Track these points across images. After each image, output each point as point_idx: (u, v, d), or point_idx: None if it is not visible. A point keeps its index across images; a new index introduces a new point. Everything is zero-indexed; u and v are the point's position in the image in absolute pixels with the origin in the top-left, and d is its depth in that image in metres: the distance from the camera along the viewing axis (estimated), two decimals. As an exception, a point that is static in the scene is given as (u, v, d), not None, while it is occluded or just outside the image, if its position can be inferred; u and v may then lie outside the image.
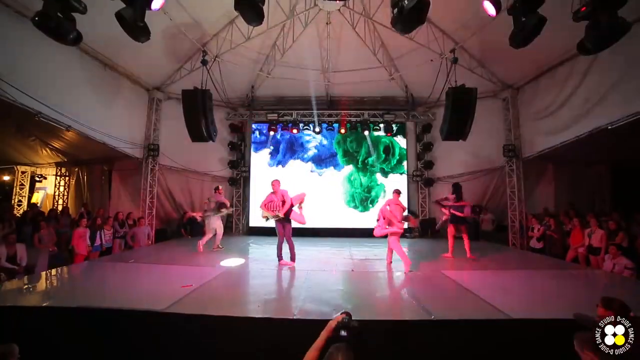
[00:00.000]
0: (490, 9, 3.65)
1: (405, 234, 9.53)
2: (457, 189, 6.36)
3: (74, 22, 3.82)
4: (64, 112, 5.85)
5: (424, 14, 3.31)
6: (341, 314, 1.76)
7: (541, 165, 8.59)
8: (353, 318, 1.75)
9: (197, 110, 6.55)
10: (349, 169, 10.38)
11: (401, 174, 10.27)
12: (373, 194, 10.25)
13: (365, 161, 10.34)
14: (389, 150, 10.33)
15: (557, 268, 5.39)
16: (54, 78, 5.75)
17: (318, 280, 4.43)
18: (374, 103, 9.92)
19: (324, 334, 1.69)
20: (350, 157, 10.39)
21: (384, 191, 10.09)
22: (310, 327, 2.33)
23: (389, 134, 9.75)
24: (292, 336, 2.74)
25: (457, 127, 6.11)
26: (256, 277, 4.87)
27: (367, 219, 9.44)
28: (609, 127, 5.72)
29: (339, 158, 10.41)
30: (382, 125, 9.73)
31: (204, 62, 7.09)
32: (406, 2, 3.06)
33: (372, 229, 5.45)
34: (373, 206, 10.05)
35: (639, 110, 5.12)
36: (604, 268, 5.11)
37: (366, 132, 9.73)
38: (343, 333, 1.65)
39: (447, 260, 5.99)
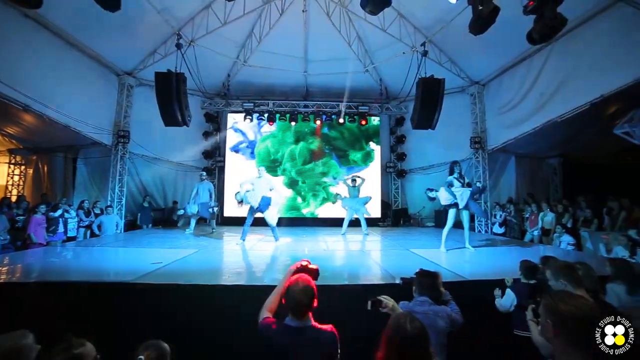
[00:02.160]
0: (452, -3, 3.95)
1: (377, 223, 9.88)
2: None
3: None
4: (20, 90, 5.44)
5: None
6: (301, 261, 1.89)
7: (505, 157, 9.20)
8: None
9: (171, 93, 6.40)
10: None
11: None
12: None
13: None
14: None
15: (513, 245, 5.85)
16: (7, 52, 5.28)
17: (290, 256, 4.56)
18: (349, 95, 10.12)
19: (285, 278, 1.77)
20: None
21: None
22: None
23: (363, 122, 9.96)
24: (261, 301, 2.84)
25: (427, 116, 6.43)
26: (229, 255, 4.91)
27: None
28: (559, 120, 6.31)
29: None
30: (356, 117, 9.97)
31: (179, 46, 6.93)
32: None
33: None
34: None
35: (581, 105, 5.74)
36: (553, 245, 5.61)
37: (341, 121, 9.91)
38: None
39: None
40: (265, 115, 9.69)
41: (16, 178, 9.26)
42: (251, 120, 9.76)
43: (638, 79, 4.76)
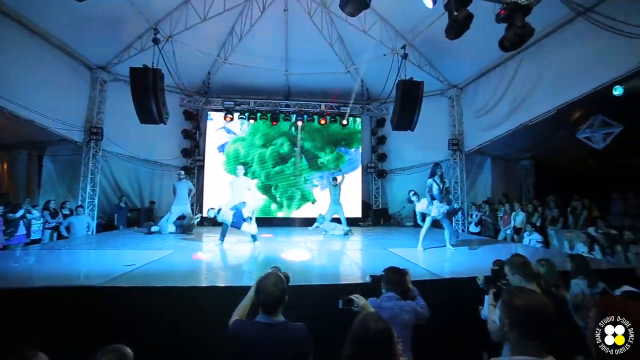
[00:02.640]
0: (428, 3, 4.07)
1: (358, 223, 10.00)
2: None
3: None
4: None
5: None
6: (271, 268, 1.96)
7: (482, 159, 9.55)
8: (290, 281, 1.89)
9: (147, 90, 6.19)
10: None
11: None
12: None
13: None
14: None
15: (487, 244, 6.07)
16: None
17: (269, 256, 4.53)
18: (330, 95, 10.18)
19: (254, 287, 1.76)
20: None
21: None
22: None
23: (344, 123, 10.02)
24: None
25: (406, 117, 6.57)
26: (207, 256, 4.81)
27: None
28: (529, 124, 6.64)
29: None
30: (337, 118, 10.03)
31: (156, 41, 6.71)
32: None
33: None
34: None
35: (548, 110, 6.08)
36: (523, 242, 5.88)
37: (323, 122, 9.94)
38: None
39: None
40: (246, 114, 9.57)
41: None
42: (232, 119, 9.61)
43: (597, 88, 5.11)
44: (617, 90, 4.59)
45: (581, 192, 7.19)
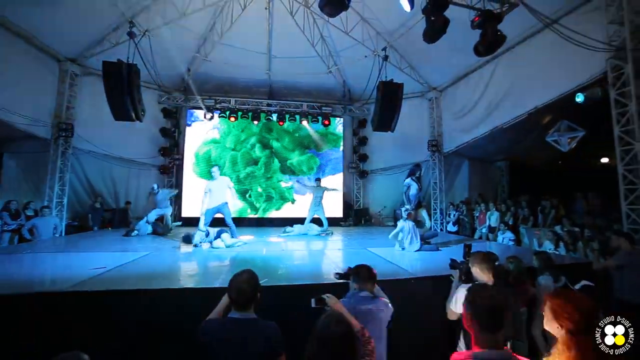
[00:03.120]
0: (406, 6, 4.16)
1: (339, 223, 10.06)
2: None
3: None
4: None
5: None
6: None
7: (460, 160, 9.84)
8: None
9: (122, 86, 5.94)
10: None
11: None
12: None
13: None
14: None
15: (463, 243, 6.25)
16: None
17: (247, 258, 4.48)
18: (312, 95, 10.20)
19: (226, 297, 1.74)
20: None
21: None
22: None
23: (326, 122, 10.05)
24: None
25: (386, 118, 6.67)
26: (183, 257, 4.68)
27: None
28: (503, 127, 6.92)
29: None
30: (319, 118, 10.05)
31: (131, 35, 6.45)
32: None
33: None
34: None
35: (520, 114, 6.40)
36: (497, 241, 6.11)
37: (304, 123, 9.93)
38: None
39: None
40: (227, 112, 9.41)
41: None
42: (212, 117, 9.43)
43: (562, 95, 5.40)
44: (579, 98, 4.86)
45: (550, 191, 7.58)
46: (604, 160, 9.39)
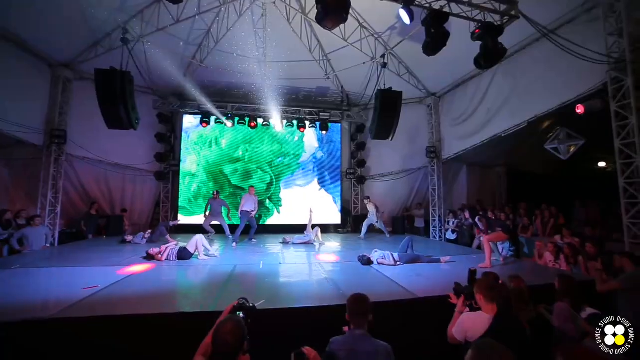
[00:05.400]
0: (405, 18, 4.08)
1: (337, 230, 9.97)
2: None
3: None
4: None
5: (345, 13, 3.52)
6: (238, 299, 1.90)
7: (458, 166, 9.79)
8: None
9: (115, 94, 5.80)
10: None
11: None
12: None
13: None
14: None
15: (463, 254, 6.18)
16: None
17: (243, 275, 4.37)
18: (310, 101, 10.11)
19: (222, 316, 1.76)
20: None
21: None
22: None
23: (324, 132, 9.97)
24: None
25: (385, 127, 6.58)
26: (179, 274, 4.57)
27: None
28: (503, 135, 6.87)
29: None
30: (317, 123, 9.95)
31: (125, 41, 6.33)
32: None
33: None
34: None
35: (520, 122, 6.34)
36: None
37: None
38: (241, 315, 1.73)
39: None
40: (224, 117, 9.30)
41: None
42: (208, 123, 9.31)
43: (562, 104, 5.36)
44: (579, 110, 4.83)
45: (549, 198, 7.54)
46: (601, 164, 9.37)
